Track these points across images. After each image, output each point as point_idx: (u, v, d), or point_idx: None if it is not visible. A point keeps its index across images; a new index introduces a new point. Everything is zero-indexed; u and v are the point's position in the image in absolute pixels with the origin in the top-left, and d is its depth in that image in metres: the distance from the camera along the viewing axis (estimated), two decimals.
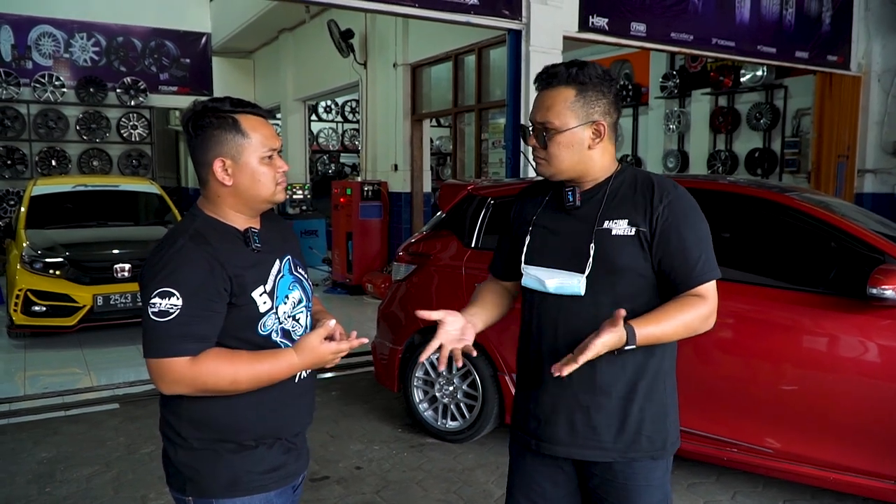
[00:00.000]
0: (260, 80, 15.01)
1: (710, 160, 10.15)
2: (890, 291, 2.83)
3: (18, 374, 5.60)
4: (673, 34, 6.72)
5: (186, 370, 1.53)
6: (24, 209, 7.25)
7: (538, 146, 1.75)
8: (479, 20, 5.76)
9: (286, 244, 1.79)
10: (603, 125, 1.71)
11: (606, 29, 6.28)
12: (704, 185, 3.59)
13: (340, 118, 15.47)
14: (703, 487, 3.55)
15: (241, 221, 1.68)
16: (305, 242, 11.75)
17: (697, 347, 3.21)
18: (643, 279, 1.70)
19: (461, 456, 3.94)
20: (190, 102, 1.72)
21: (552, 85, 1.72)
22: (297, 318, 1.74)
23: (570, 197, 1.75)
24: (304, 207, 12.18)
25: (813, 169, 8.40)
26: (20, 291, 6.17)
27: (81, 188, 7.80)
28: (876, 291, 2.85)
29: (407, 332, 4.27)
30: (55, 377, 5.52)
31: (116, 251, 6.69)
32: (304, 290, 1.78)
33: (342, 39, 9.79)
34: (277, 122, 15.41)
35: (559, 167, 1.73)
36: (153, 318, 1.52)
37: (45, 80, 11.23)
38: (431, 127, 10.40)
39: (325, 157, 15.77)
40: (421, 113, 9.45)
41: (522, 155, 5.79)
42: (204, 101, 1.65)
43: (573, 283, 1.70)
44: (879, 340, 2.98)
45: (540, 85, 1.75)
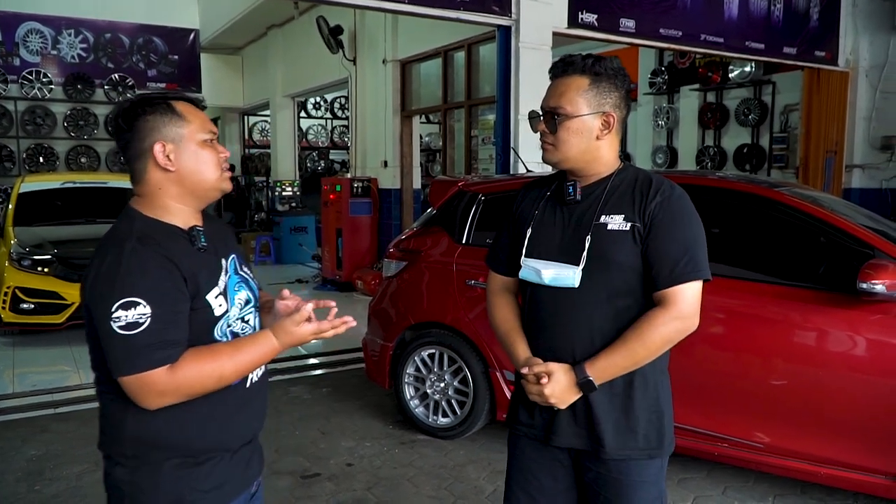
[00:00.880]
0: (248, 76, 14.94)
1: (698, 156, 10.20)
2: (880, 286, 2.84)
3: (7, 371, 5.56)
4: (662, 30, 6.74)
5: (170, 379, 1.42)
6: (11, 206, 7.20)
7: (547, 131, 1.76)
8: (468, 16, 5.76)
9: (228, 243, 1.68)
10: (613, 117, 1.73)
11: (596, 25, 6.29)
12: (694, 180, 3.59)
13: (330, 115, 15.42)
14: (693, 482, 3.57)
15: (183, 218, 1.56)
16: (295, 239, 11.73)
17: (686, 342, 3.22)
18: (636, 274, 1.70)
19: (452, 452, 3.94)
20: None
21: (567, 73, 1.74)
22: (246, 319, 1.64)
23: (570, 191, 1.77)
24: (293, 204, 12.16)
25: (801, 164, 8.45)
26: (8, 289, 6.14)
27: (69, 185, 7.74)
28: (866, 286, 2.86)
29: (398, 328, 4.27)
30: (44, 375, 5.49)
31: None
32: (250, 289, 1.68)
33: (331, 36, 9.76)
34: (266, 118, 15.36)
35: (567, 153, 1.74)
36: (121, 332, 1.39)
37: (32, 76, 11.12)
38: (421, 123, 10.38)
39: (314, 153, 15.73)
40: (410, 109, 9.43)
41: (512, 151, 5.79)
42: (130, 97, 1.56)
43: (568, 274, 1.71)
44: (869, 335, 2.99)
45: (555, 73, 1.78)
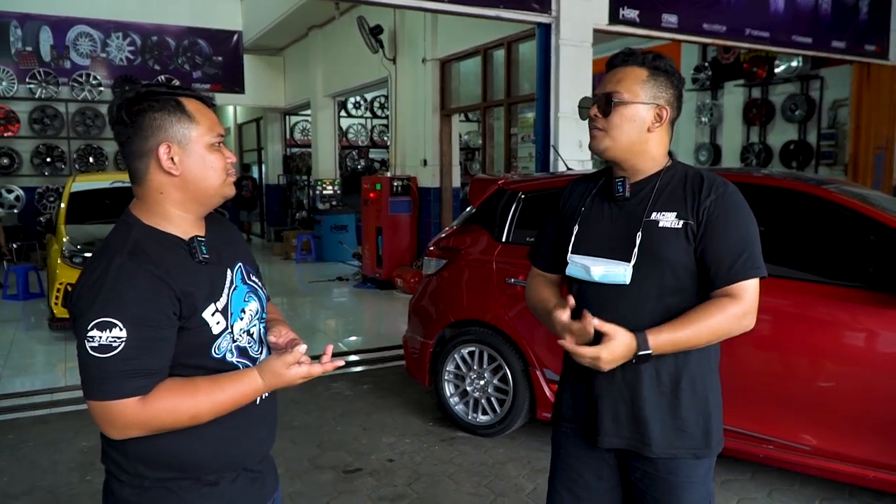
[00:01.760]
0: (290, 76, 15.15)
1: (743, 153, 10.01)
2: None
3: (59, 365, 5.76)
4: (705, 25, 6.63)
5: (138, 412, 1.31)
6: (63, 205, 7.46)
7: (599, 115, 1.74)
8: (508, 14, 5.75)
9: (235, 248, 1.58)
10: (666, 111, 1.72)
11: (637, 21, 6.21)
12: (738, 177, 3.50)
13: (370, 114, 15.56)
14: (737, 484, 3.51)
15: (184, 227, 1.46)
16: (335, 237, 11.86)
17: (733, 343, 3.17)
18: (688, 273, 1.68)
19: (492, 450, 3.95)
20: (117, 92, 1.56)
21: (627, 63, 1.74)
22: (251, 332, 1.54)
23: (619, 188, 1.75)
24: (334, 203, 12.30)
25: (850, 161, 8.24)
26: (60, 285, 6.34)
27: (119, 184, 7.93)
28: None
29: (438, 326, 4.29)
30: None
31: None
32: (259, 299, 1.58)
33: (371, 35, 9.83)
34: (307, 118, 15.54)
35: (617, 139, 1.72)
36: (93, 353, 1.30)
37: (82, 79, 11.48)
38: (460, 122, 10.41)
39: (354, 152, 15.87)
40: (450, 108, 9.46)
41: (552, 149, 5.77)
42: (135, 86, 1.44)
43: (619, 271, 1.70)
44: None
45: (614, 63, 1.77)
